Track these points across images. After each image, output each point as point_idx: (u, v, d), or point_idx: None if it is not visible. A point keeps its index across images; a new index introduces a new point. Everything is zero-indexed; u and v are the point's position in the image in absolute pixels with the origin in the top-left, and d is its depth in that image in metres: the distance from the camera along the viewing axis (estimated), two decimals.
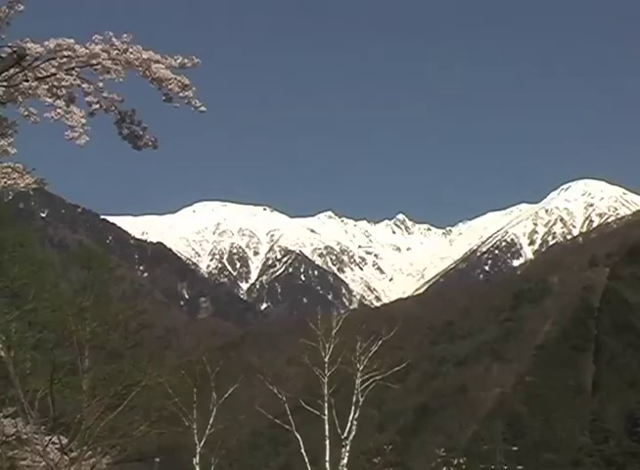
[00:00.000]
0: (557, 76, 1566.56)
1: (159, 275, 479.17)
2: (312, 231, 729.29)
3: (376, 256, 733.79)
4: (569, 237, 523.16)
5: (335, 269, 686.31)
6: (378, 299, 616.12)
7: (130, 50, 8.47)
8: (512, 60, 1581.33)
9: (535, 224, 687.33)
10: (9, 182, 9.75)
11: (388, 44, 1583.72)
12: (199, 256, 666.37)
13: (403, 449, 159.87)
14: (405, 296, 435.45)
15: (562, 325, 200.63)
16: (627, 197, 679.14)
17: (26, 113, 8.51)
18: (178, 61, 8.62)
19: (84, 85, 8.53)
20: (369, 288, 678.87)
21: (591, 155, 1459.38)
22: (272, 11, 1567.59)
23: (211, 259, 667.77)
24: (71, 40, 8.36)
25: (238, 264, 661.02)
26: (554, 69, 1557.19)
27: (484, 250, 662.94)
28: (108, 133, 8.97)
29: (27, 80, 8.36)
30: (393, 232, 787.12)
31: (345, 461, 25.20)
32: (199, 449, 28.23)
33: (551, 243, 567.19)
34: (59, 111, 8.41)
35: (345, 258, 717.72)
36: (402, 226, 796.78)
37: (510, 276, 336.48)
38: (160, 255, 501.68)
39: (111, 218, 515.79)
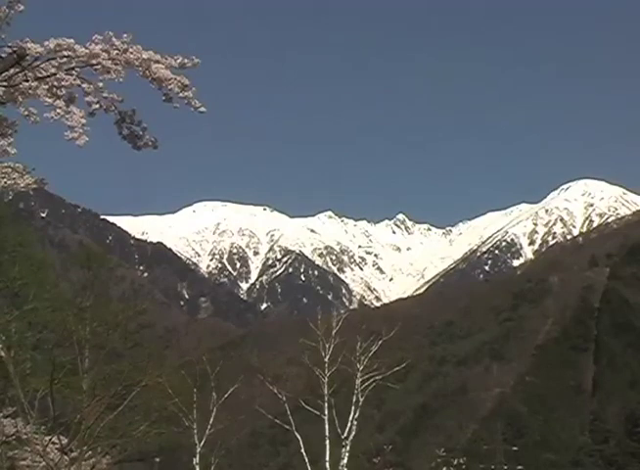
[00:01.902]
0: (557, 76, 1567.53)
1: (159, 275, 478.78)
2: (312, 231, 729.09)
3: (376, 256, 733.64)
4: (569, 237, 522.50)
5: (335, 269, 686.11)
6: (378, 299, 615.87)
7: (130, 50, 8.46)
8: (512, 59, 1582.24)
9: (535, 224, 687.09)
10: (9, 182, 9.75)
11: (388, 44, 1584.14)
12: (199, 256, 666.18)
13: (403, 449, 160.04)
14: (405, 296, 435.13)
15: (562, 325, 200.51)
16: (627, 197, 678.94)
17: (26, 113, 8.50)
18: (178, 61, 8.62)
19: (84, 85, 8.52)
20: (369, 288, 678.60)
21: (591, 155, 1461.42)
22: (272, 11, 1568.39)
23: (211, 259, 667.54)
24: (71, 40, 8.35)
25: (238, 264, 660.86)
26: (554, 68, 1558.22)
27: (484, 250, 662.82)
28: (108, 133, 8.98)
29: (27, 80, 8.35)
30: (393, 232, 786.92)
31: (345, 461, 25.19)
32: (199, 449, 28.21)
33: (551, 243, 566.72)
34: (59, 111, 8.41)
35: (345, 258, 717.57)
36: (402, 226, 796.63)
37: (510, 276, 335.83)
38: (159, 255, 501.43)
39: (111, 218, 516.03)
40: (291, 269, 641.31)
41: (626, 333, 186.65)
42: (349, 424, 25.42)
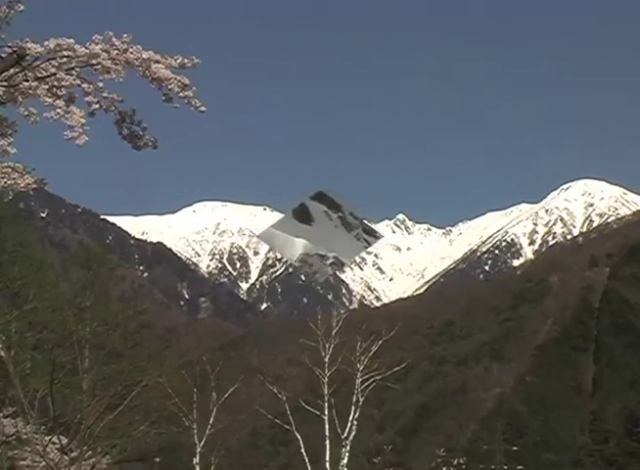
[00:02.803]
0: (557, 76, 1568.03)
1: (159, 275, 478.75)
2: None
3: (376, 256, 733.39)
4: (569, 237, 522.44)
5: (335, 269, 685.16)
6: (378, 299, 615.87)
7: (130, 50, 8.47)
8: (512, 59, 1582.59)
9: (535, 224, 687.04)
10: (9, 182, 9.75)
11: (388, 44, 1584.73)
12: (199, 256, 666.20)
13: (403, 449, 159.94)
14: (405, 296, 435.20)
15: (562, 325, 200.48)
16: (627, 197, 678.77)
17: (26, 113, 8.51)
18: (178, 61, 8.62)
19: (84, 85, 8.52)
20: (369, 288, 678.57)
21: (591, 155, 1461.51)
22: (272, 11, 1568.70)
23: (211, 259, 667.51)
24: (71, 40, 8.35)
25: (238, 264, 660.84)
26: (554, 68, 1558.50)
27: (484, 250, 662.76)
28: (108, 133, 8.98)
29: (27, 80, 8.36)
30: (393, 232, 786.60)
31: (345, 461, 25.20)
32: (199, 449, 28.22)
33: (551, 243, 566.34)
34: (59, 111, 8.41)
35: None
36: (402, 226, 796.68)
37: (510, 276, 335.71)
38: (159, 255, 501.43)
39: (111, 218, 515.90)
40: (291, 269, 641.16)
41: (626, 333, 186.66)
42: (349, 424, 25.44)
